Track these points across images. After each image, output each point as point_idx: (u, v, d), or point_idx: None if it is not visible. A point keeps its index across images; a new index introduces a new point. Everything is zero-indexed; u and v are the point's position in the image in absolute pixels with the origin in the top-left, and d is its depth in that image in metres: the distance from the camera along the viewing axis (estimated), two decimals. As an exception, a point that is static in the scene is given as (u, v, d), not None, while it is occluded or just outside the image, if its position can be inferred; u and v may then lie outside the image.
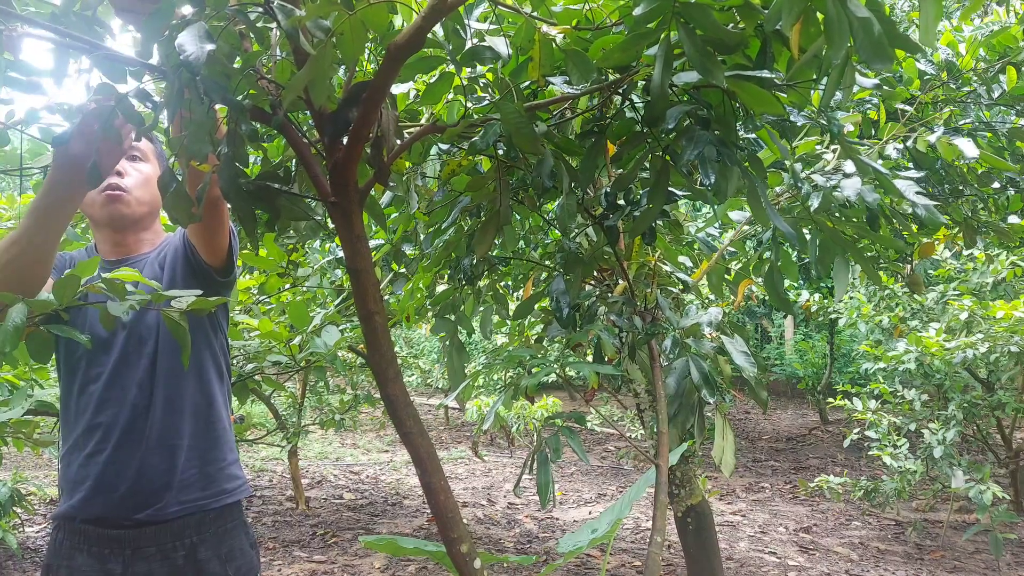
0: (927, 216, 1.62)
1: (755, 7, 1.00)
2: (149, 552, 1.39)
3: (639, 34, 1.04)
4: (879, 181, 1.44)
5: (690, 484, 3.19)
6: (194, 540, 1.42)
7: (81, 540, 1.40)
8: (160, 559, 1.39)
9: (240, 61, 1.02)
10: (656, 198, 1.26)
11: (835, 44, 0.89)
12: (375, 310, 1.19)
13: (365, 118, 1.07)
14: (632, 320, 1.69)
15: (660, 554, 1.67)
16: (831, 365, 8.53)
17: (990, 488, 3.57)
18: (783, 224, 1.25)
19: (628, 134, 1.27)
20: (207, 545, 1.43)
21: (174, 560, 1.40)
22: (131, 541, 1.39)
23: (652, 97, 1.08)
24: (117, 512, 1.39)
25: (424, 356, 10.14)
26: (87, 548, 1.39)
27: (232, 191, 1.04)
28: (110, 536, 1.39)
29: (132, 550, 1.39)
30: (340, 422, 5.15)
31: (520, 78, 1.25)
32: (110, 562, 1.38)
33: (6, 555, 4.05)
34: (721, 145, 1.11)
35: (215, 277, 1.48)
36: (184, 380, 1.45)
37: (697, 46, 0.98)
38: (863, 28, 0.88)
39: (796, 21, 0.92)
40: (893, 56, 0.90)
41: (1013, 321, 3.57)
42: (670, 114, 1.12)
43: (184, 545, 1.41)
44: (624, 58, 1.10)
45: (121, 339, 1.42)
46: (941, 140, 1.84)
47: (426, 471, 1.23)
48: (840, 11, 0.87)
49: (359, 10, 0.90)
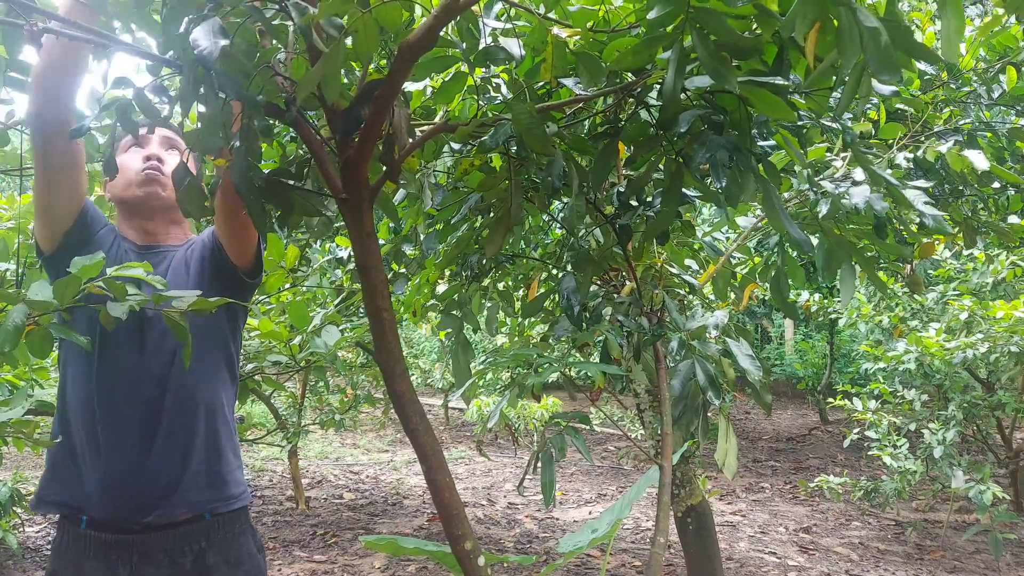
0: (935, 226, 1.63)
1: (772, 13, 1.00)
2: (157, 557, 1.37)
3: (652, 37, 1.03)
4: (890, 192, 1.44)
5: (690, 484, 3.19)
6: (203, 545, 1.40)
7: (87, 546, 1.37)
8: (168, 564, 1.38)
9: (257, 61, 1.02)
10: (670, 201, 1.26)
11: (846, 53, 0.89)
12: (383, 307, 1.19)
13: (377, 116, 1.07)
14: (639, 321, 1.69)
15: (662, 555, 1.67)
16: (831, 365, 8.54)
17: (990, 488, 3.57)
18: (798, 231, 1.25)
19: (642, 137, 1.27)
20: (216, 550, 1.41)
21: (182, 565, 1.38)
22: (138, 546, 1.37)
23: (664, 101, 1.08)
24: (124, 514, 1.36)
25: (424, 356, 10.14)
26: (94, 554, 1.36)
27: (245, 186, 1.04)
28: (117, 541, 1.36)
29: (139, 555, 1.36)
30: (340, 422, 5.15)
31: (534, 79, 1.25)
32: (117, 567, 1.35)
33: (6, 555, 4.04)
34: (735, 150, 1.11)
35: (242, 278, 1.48)
36: (199, 380, 1.43)
37: (710, 51, 0.98)
38: (871, 39, 0.87)
39: (809, 29, 0.91)
40: (900, 67, 0.89)
41: (1013, 321, 3.57)
42: (683, 118, 1.12)
43: (192, 550, 1.39)
44: (637, 61, 1.10)
45: (142, 333, 1.40)
46: (951, 152, 1.84)
47: (431, 468, 1.23)
48: (851, 20, 0.87)
49: (373, 8, 0.90)
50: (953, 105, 2.53)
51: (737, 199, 1.17)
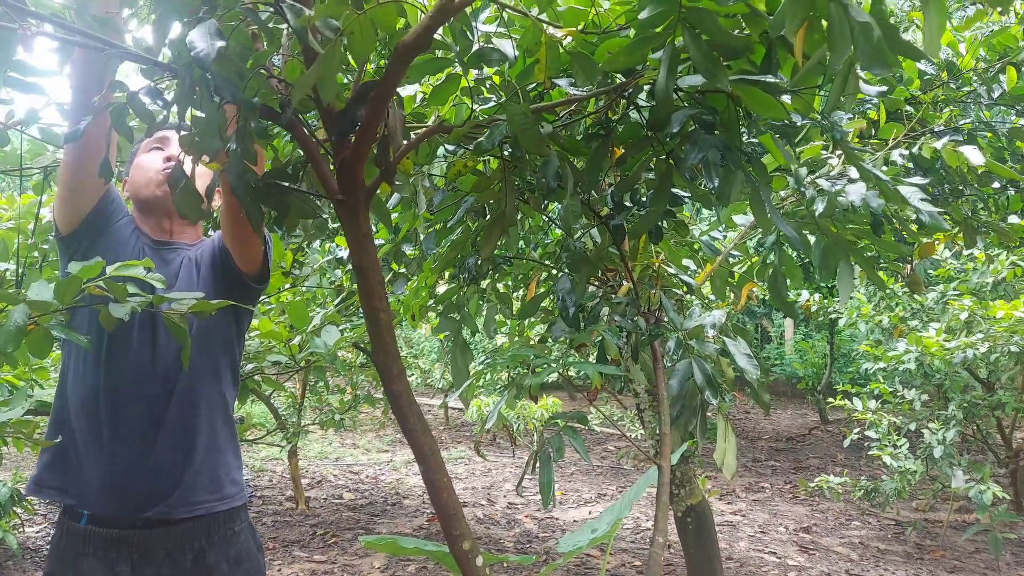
0: (931, 223, 1.63)
1: (760, 13, 1.00)
2: (157, 556, 1.38)
3: (644, 38, 1.04)
4: (880, 189, 1.44)
5: (690, 484, 3.20)
6: (203, 544, 1.41)
7: (86, 544, 1.37)
8: (168, 563, 1.38)
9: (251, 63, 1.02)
10: (659, 201, 1.26)
11: (837, 49, 0.89)
12: (380, 307, 1.19)
13: (373, 117, 1.07)
14: (636, 321, 1.69)
15: (662, 554, 1.67)
16: (831, 365, 8.54)
17: (990, 488, 3.57)
18: (787, 228, 1.25)
19: (632, 138, 1.28)
20: (216, 549, 1.42)
21: (182, 564, 1.39)
22: (139, 543, 1.37)
23: (656, 100, 1.08)
24: (125, 512, 1.37)
25: (424, 356, 10.14)
26: (93, 551, 1.36)
27: (240, 188, 1.04)
28: (118, 537, 1.37)
29: (140, 553, 1.37)
30: (340, 422, 5.15)
31: (526, 80, 1.26)
32: (118, 565, 1.36)
33: (6, 555, 4.04)
34: (725, 149, 1.11)
35: (249, 283, 1.49)
36: (204, 381, 1.45)
37: (702, 50, 0.98)
38: (863, 33, 0.88)
39: (799, 27, 0.91)
40: (892, 61, 0.89)
41: (1013, 321, 3.57)
42: (674, 118, 1.13)
43: (192, 548, 1.40)
44: (629, 61, 1.10)
45: (154, 331, 1.40)
46: (947, 147, 1.84)
47: (429, 468, 1.23)
48: (842, 16, 0.88)
49: (368, 10, 0.90)
50: (953, 105, 2.53)
51: (729, 198, 1.17)
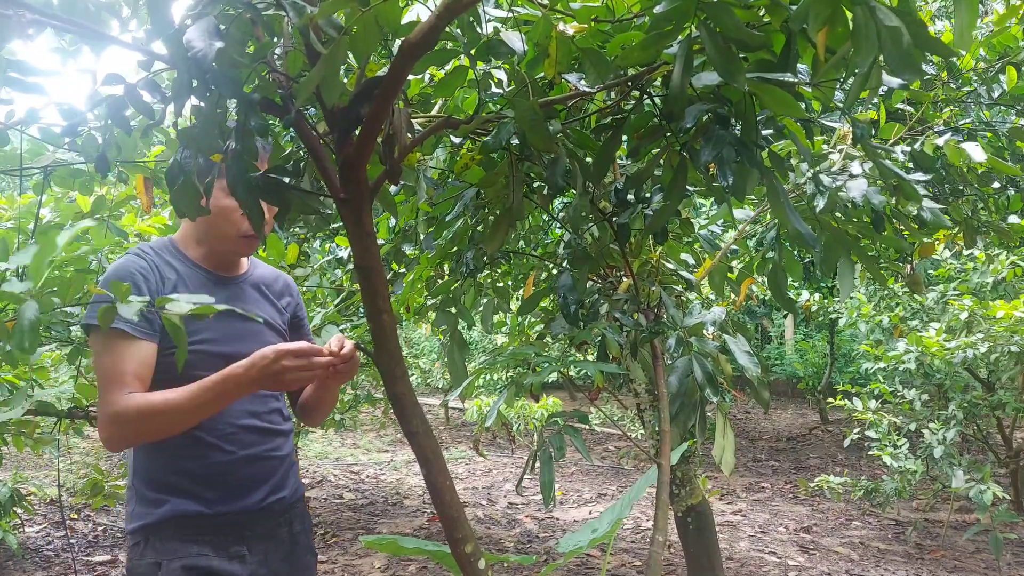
0: (932, 219, 1.62)
1: (782, 4, 0.98)
2: (261, 532, 1.53)
3: (660, 33, 1.02)
4: (900, 185, 1.43)
5: (690, 484, 3.19)
6: (291, 515, 1.61)
7: (195, 533, 1.45)
8: (267, 538, 1.54)
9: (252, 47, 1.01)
10: (673, 196, 1.24)
11: (862, 52, 0.87)
12: (383, 308, 1.19)
13: (377, 115, 1.06)
14: (636, 318, 1.69)
15: (662, 554, 1.67)
16: (831, 365, 8.54)
17: (990, 488, 3.57)
18: (804, 226, 1.22)
19: (646, 127, 1.25)
20: (298, 520, 1.62)
21: (279, 537, 1.57)
22: (249, 525, 1.51)
23: (671, 97, 1.06)
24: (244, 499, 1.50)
25: (424, 356, 10.14)
26: (200, 538, 1.45)
27: (240, 185, 1.04)
28: (233, 522, 1.49)
29: (249, 532, 1.51)
30: (340, 422, 5.14)
31: (535, 72, 1.24)
32: (230, 545, 1.47)
33: (6, 555, 4.04)
34: (741, 145, 1.09)
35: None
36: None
37: (719, 48, 0.96)
38: (891, 37, 0.85)
39: (822, 27, 0.89)
40: (920, 66, 0.87)
41: (1013, 321, 3.57)
42: (689, 112, 1.10)
43: (286, 521, 1.59)
44: (644, 56, 1.08)
45: (263, 336, 1.54)
46: (949, 144, 1.83)
47: (431, 471, 1.23)
48: (868, 19, 0.85)
49: (373, 6, 0.90)
50: (953, 105, 2.53)
51: (744, 193, 1.16)
